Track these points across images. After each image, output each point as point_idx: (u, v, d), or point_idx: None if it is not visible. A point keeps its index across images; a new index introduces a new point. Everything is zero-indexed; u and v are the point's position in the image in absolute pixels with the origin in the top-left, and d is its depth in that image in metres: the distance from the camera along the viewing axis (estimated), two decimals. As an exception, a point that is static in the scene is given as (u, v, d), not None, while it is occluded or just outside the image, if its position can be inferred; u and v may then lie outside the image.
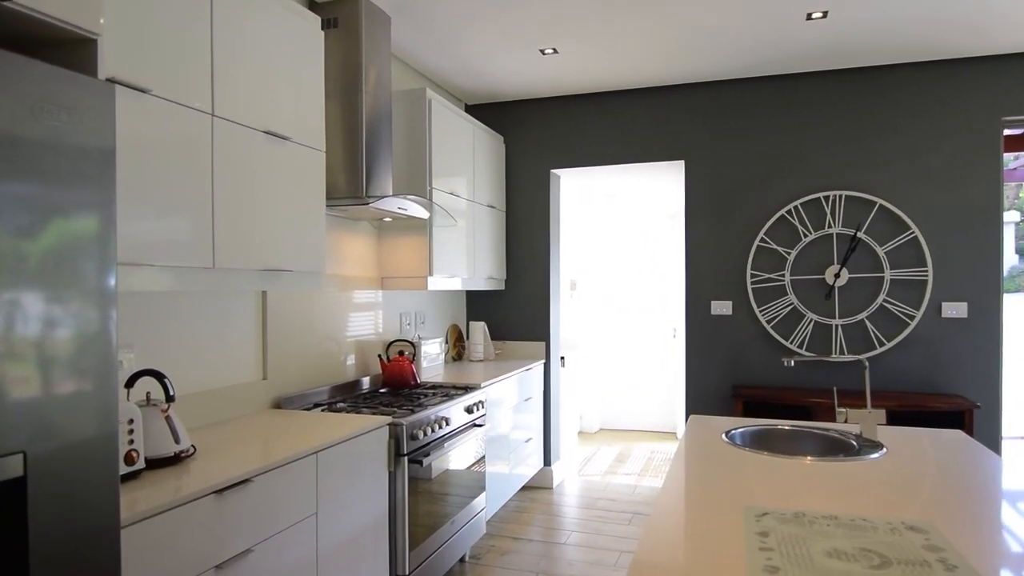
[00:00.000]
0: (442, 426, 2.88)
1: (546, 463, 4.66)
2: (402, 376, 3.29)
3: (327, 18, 2.92)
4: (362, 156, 2.89)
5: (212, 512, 1.69)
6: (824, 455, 2.14)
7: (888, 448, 2.01)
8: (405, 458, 2.57)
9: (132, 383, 1.88)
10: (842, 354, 3.92)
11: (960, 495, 1.58)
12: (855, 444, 2.07)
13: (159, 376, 1.85)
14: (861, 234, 3.89)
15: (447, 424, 2.93)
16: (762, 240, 4.09)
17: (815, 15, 3.18)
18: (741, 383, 4.15)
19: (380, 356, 3.41)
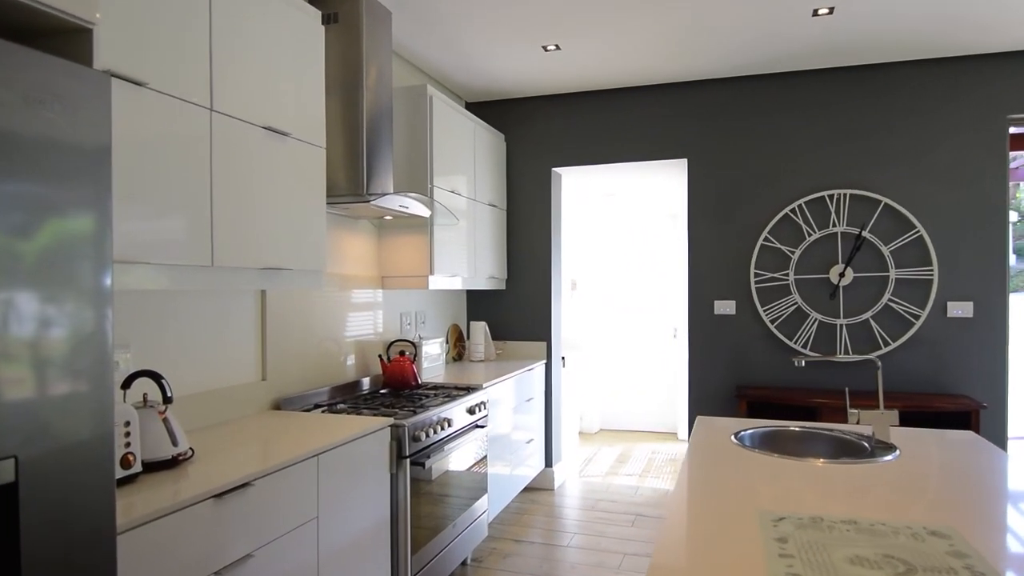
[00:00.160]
0: (444, 427, 2.83)
1: (547, 464, 4.62)
2: (403, 377, 3.25)
3: (327, 13, 2.87)
4: (363, 153, 2.84)
5: (211, 517, 1.65)
6: (835, 457, 2.10)
7: (901, 450, 1.97)
8: (407, 460, 2.53)
9: (128, 384, 1.84)
10: (846, 354, 3.88)
11: (979, 498, 1.54)
12: (867, 446, 2.03)
13: (156, 377, 1.80)
14: (866, 233, 3.85)
15: (449, 425, 2.89)
16: (766, 239, 4.05)
17: (821, 11, 3.15)
18: (745, 383, 4.12)
19: (381, 356, 3.36)
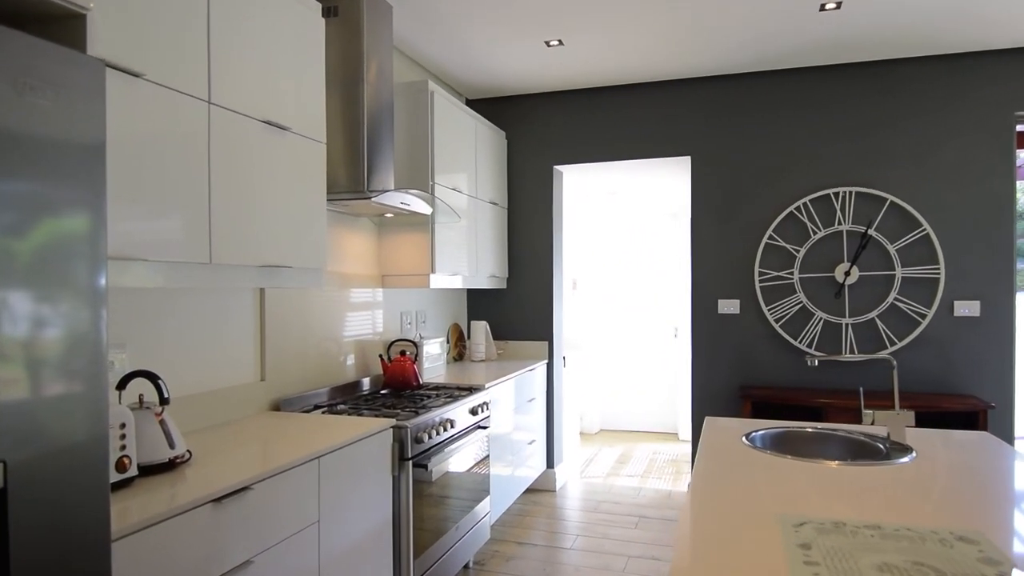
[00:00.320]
0: (447, 428, 2.78)
1: (549, 465, 4.57)
2: (404, 377, 3.19)
3: (327, 6, 2.81)
4: (363, 149, 2.79)
5: (209, 522, 1.59)
6: (849, 459, 2.06)
7: (917, 451, 1.92)
8: (410, 462, 2.47)
9: (124, 385, 1.78)
10: (852, 353, 3.84)
11: (1003, 501, 1.49)
12: (882, 447, 1.98)
13: (153, 377, 1.75)
14: (872, 231, 3.81)
15: (452, 426, 2.83)
16: (770, 237, 4.01)
17: (828, 6, 3.10)
18: (749, 383, 4.07)
19: (381, 356, 3.31)
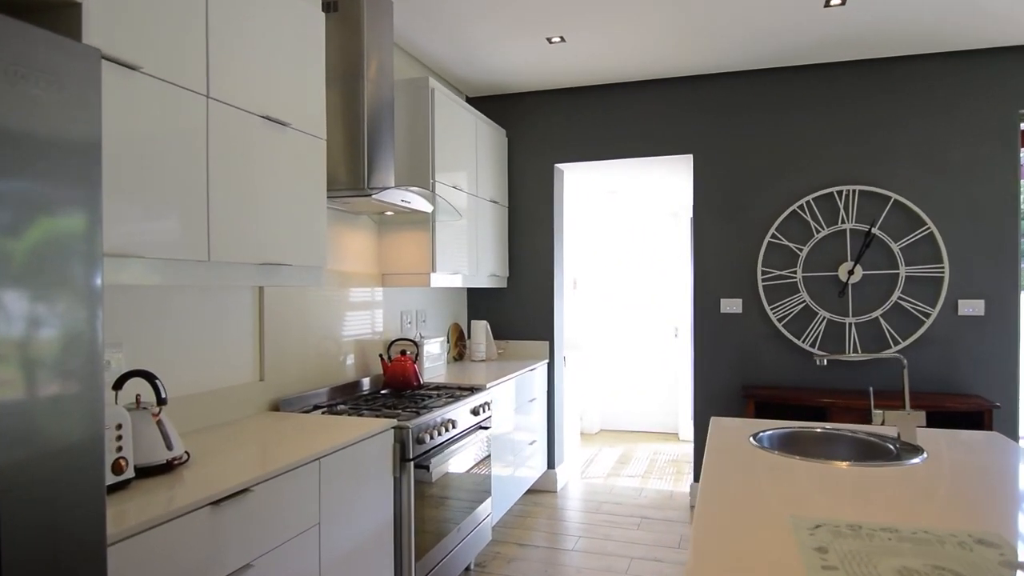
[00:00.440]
0: (448, 429, 2.75)
1: (550, 466, 4.53)
2: (404, 377, 3.16)
3: (327, 1, 2.78)
4: (364, 146, 2.76)
5: (208, 525, 1.55)
6: (859, 459, 2.03)
7: (928, 452, 1.89)
8: (411, 463, 2.44)
9: (120, 385, 1.74)
10: (855, 353, 3.81)
11: (1020, 502, 1.46)
12: (892, 448, 1.95)
13: (150, 377, 1.71)
14: (876, 230, 3.78)
15: (453, 427, 2.80)
16: (773, 236, 3.98)
17: (833, 3, 3.07)
18: (751, 383, 4.04)
19: (381, 356, 3.27)
